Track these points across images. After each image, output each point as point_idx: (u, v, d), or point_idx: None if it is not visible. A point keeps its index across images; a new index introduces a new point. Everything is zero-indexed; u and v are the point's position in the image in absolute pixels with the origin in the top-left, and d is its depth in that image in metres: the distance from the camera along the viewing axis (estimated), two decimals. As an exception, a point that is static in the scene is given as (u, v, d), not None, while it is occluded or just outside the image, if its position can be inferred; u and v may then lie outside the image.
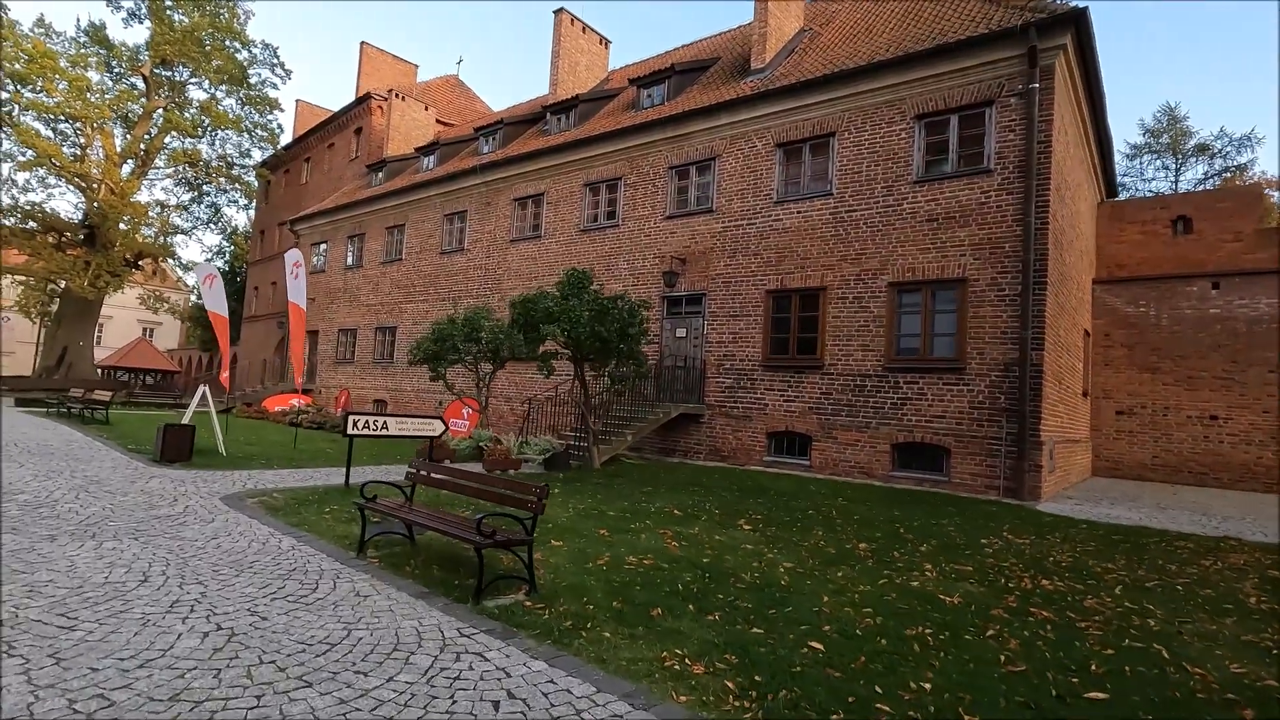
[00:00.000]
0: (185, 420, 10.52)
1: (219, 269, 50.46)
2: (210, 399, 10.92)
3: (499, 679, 3.20)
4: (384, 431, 8.35)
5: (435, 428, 8.97)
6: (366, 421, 8.14)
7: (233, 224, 47.41)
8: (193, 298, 58.66)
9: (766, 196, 14.76)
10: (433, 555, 5.39)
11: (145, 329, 61.13)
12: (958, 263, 12.11)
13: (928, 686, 3.35)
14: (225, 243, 55.07)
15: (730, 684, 3.28)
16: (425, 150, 25.34)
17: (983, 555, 6.42)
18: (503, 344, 12.90)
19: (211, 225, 39.50)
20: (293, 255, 13.18)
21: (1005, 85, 11.95)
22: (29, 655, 3.14)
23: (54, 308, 35.47)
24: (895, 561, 5.97)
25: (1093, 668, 3.71)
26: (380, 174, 27.07)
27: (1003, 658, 3.80)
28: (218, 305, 13.97)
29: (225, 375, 14.21)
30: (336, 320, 26.67)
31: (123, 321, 59.39)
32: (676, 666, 3.45)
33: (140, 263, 36.46)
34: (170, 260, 36.20)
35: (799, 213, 14.20)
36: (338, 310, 26.65)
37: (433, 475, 5.81)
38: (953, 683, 3.42)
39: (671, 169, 16.52)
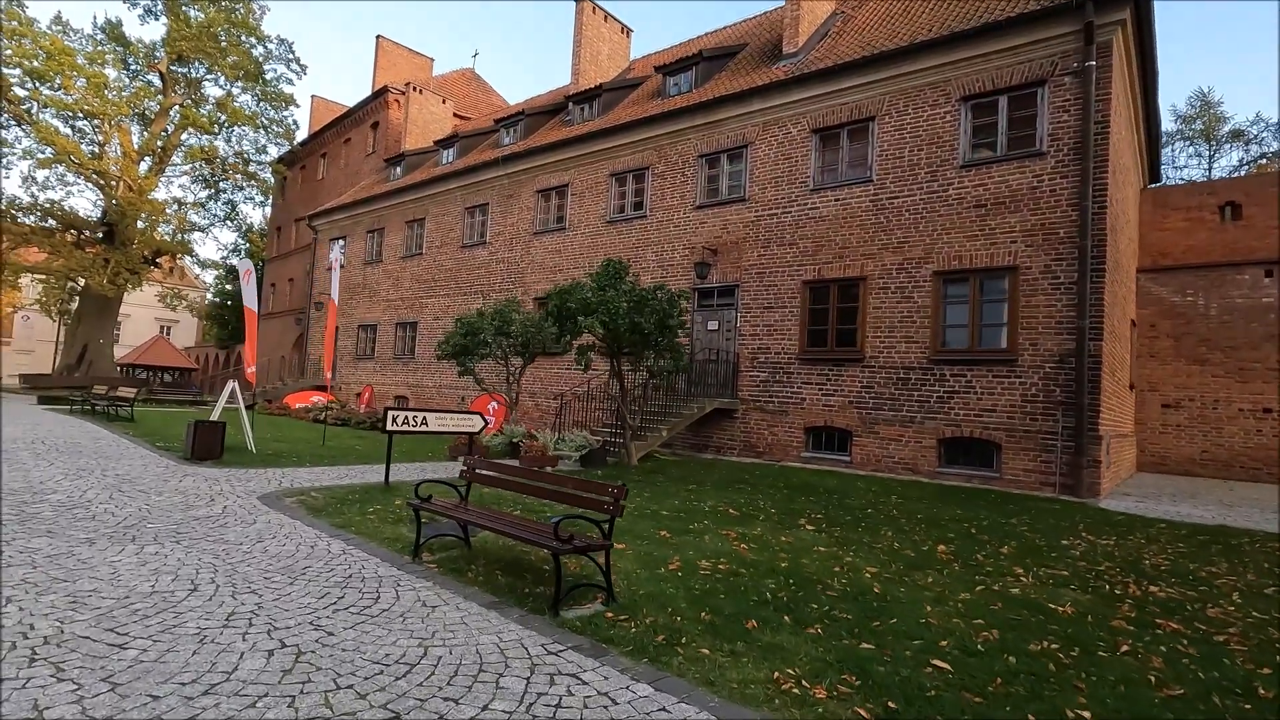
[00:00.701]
0: (214, 417, 10.24)
1: (235, 266, 50.54)
2: (240, 395, 10.63)
3: (605, 706, 2.83)
4: (423, 428, 8.02)
5: (475, 424, 8.63)
6: (406, 418, 7.81)
7: (248, 221, 47.35)
8: (209, 295, 58.78)
9: (802, 184, 14.30)
10: (492, 559, 5.03)
11: (162, 327, 61.40)
12: (1008, 250, 11.62)
13: (1087, 716, 2.94)
14: (241, 240, 55.05)
15: (863, 712, 2.89)
16: (445, 143, 25.01)
17: (1070, 558, 5.98)
18: (533, 337, 12.55)
19: (228, 223, 39.46)
20: (334, 254, 12.86)
21: (1059, 63, 11.42)
22: (81, 679, 2.80)
23: (74, 305, 35.54)
24: (982, 566, 5.56)
25: (1260, 691, 3.28)
26: (399, 168, 26.78)
27: (1152, 678, 3.39)
28: (251, 300, 13.72)
29: (252, 371, 13.96)
30: (356, 316, 26.42)
31: (140, 320, 59.63)
32: (795, 690, 3.07)
33: (158, 260, 36.48)
34: (188, 258, 36.03)
35: (837, 200, 13.73)
36: (357, 306, 26.40)
37: (499, 475, 5.42)
38: (1110, 710, 3.02)
39: (701, 157, 16.08)
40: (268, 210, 45.61)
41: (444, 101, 30.11)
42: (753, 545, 5.84)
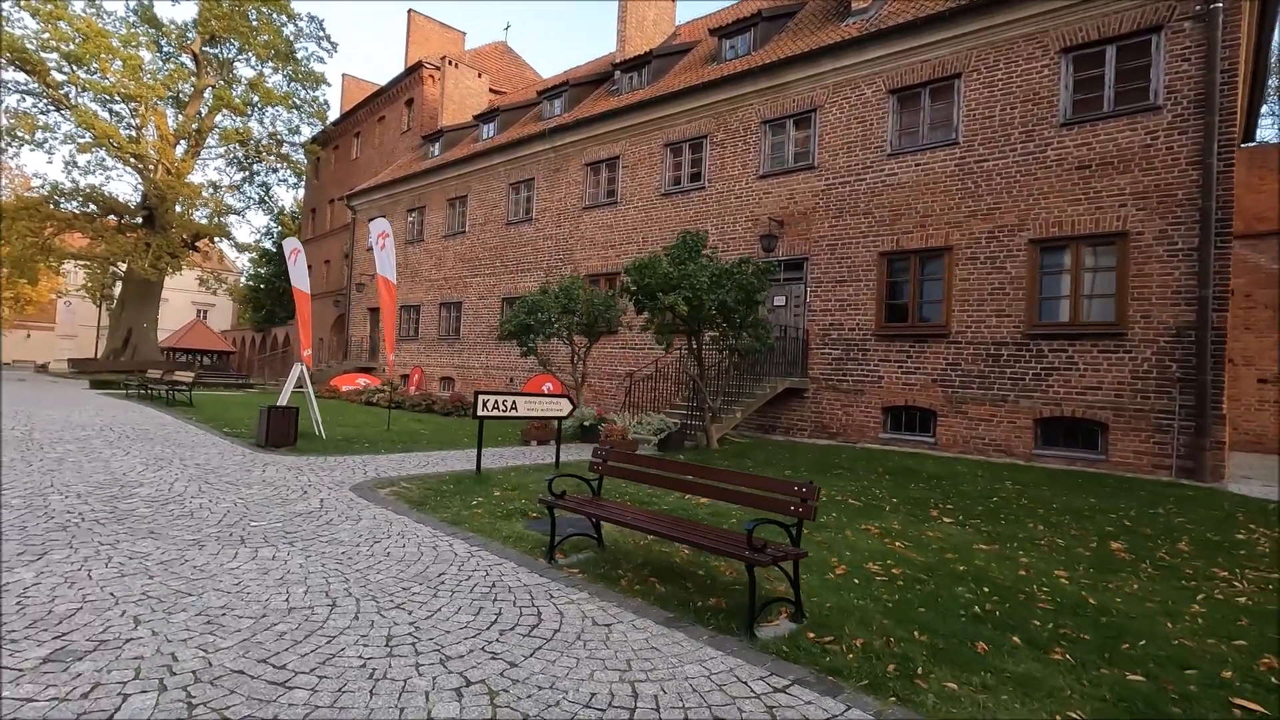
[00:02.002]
0: (282, 402, 9.87)
1: (268, 249, 50.65)
2: (308, 379, 10.25)
3: (884, 767, 2.28)
4: (513, 413, 7.53)
5: (563, 407, 8.12)
6: (496, 402, 7.32)
7: (279, 204, 47.25)
8: (243, 279, 58.98)
9: (878, 149, 13.44)
10: (635, 563, 4.51)
11: (199, 310, 62.15)
12: (1116, 215, 10.73)
13: None
14: (273, 223, 55.03)
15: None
16: (484, 118, 24.37)
17: (1261, 555, 5.30)
18: (600, 315, 12.00)
19: (261, 206, 39.40)
20: (378, 225, 12.38)
21: (1176, 8, 10.41)
22: (255, 733, 2.32)
23: (116, 291, 35.82)
24: (1177, 568, 4.91)
25: None
26: (437, 145, 26.22)
27: None
28: (301, 281, 13.34)
29: (308, 355, 13.62)
30: (398, 296, 26.09)
31: (176, 304, 60.30)
32: (1096, 742, 2.48)
33: (197, 244, 36.57)
34: (226, 240, 36.04)
35: (917, 165, 12.87)
36: (399, 286, 26.04)
37: (639, 469, 4.84)
38: None
39: (765, 123, 15.25)
40: (299, 194, 45.47)
41: (479, 75, 29.40)
42: (907, 543, 5.26)
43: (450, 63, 28.22)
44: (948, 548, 5.15)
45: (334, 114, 38.37)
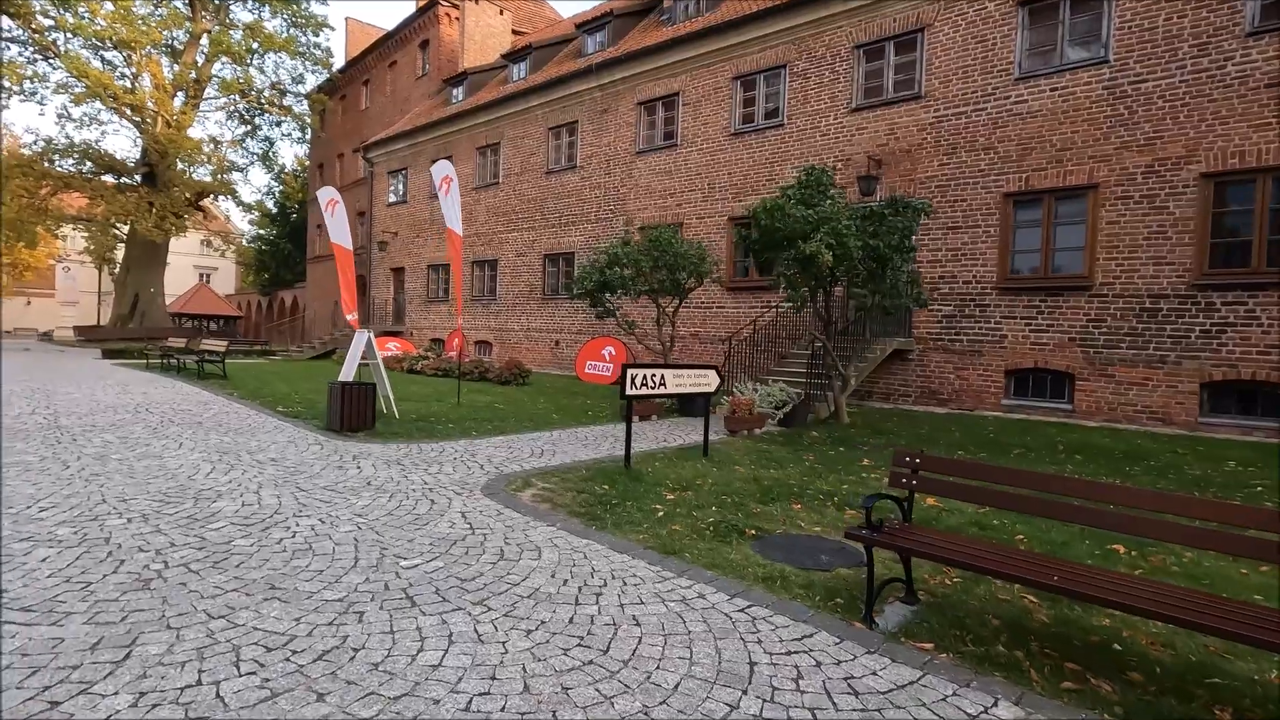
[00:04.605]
0: (346, 376, 8.40)
1: (271, 211, 48.54)
2: (375, 349, 8.75)
3: None
4: (660, 389, 6.08)
5: (710, 381, 6.66)
6: (645, 378, 5.85)
7: (280, 162, 44.92)
8: (244, 240, 56.76)
9: (1002, 73, 11.65)
10: (977, 620, 3.08)
11: (202, 274, 60.18)
12: (1318, 140, 9.06)
13: None
14: (274, 182, 52.65)
15: None
16: (514, 57, 22.28)
17: None
18: (694, 269, 10.46)
19: (263, 163, 37.23)
20: (441, 168, 10.69)
21: None
22: None
23: (118, 255, 33.98)
24: None
25: None
26: (459, 89, 24.15)
27: None
28: (341, 235, 11.71)
29: (353, 317, 12.09)
30: (424, 255, 24.44)
31: (178, 267, 58.16)
32: None
33: (201, 203, 34.62)
34: (231, 198, 34.09)
35: (1054, 90, 11.11)
36: (425, 244, 24.37)
37: (994, 484, 3.32)
38: None
39: (858, 48, 13.39)
40: (299, 150, 43.12)
41: (501, 13, 27.06)
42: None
43: (470, -2, 25.90)
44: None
45: (339, 62, 35.93)
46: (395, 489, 5.18)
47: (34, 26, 26.20)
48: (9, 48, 27.05)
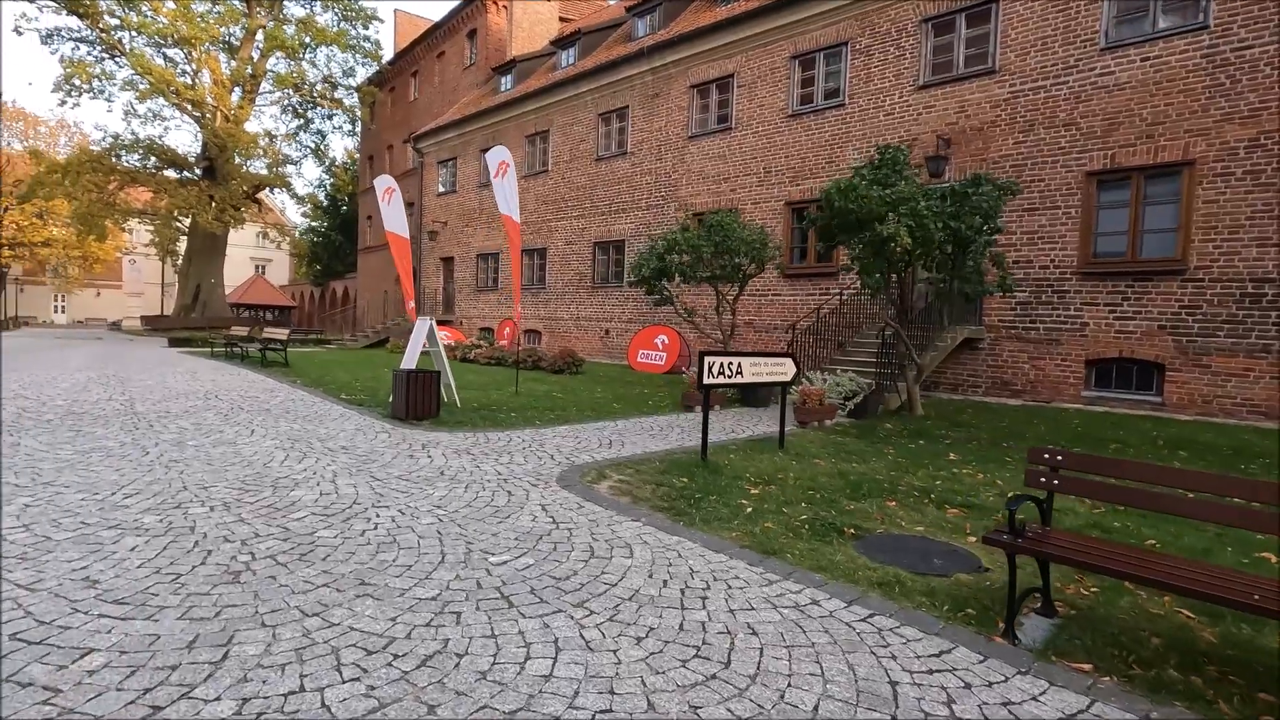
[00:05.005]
0: (409, 364, 8.35)
1: (322, 203, 49.58)
2: (438, 336, 8.68)
3: None
4: (738, 378, 5.81)
5: (787, 369, 6.36)
6: (722, 367, 5.60)
7: (331, 155, 45.78)
8: (296, 232, 58.11)
9: (1086, 43, 10.92)
10: (1132, 638, 2.74)
11: (257, 265, 61.98)
12: None
13: None
14: (325, 175, 53.69)
15: None
16: (563, 43, 22.07)
17: None
18: (756, 255, 10.12)
19: (315, 156, 37.94)
20: (497, 154, 10.57)
21: None
22: None
23: (180, 247, 35.18)
24: None
25: None
26: (508, 77, 24.07)
27: None
28: (397, 224, 11.74)
29: (412, 306, 12.13)
30: (473, 245, 24.54)
31: (235, 259, 60.12)
32: None
33: (258, 196, 35.55)
34: (286, 190, 34.90)
35: (1144, 60, 10.36)
36: (474, 233, 24.46)
37: (1154, 485, 3.01)
38: None
39: (926, 22, 12.75)
40: (349, 143, 43.85)
41: (548, 0, 26.86)
42: None
43: (518, -15, 25.75)
44: None
45: (388, 54, 36.31)
46: (470, 479, 5.05)
47: (101, 26, 27.11)
48: (79, 47, 28.10)
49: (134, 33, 27.14)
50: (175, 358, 16.60)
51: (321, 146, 38.05)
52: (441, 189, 26.50)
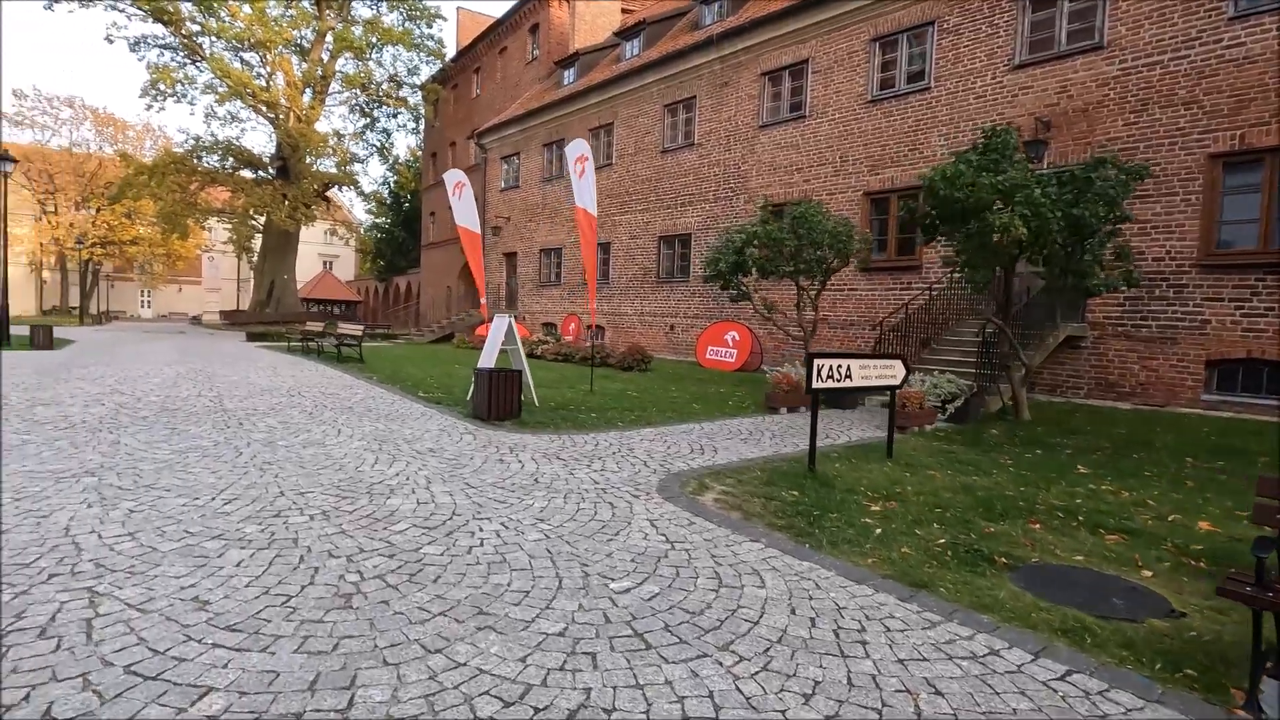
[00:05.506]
0: (487, 362, 8.19)
1: (386, 200, 50.78)
2: (516, 334, 8.51)
3: None
4: (846, 381, 5.40)
5: (896, 372, 5.90)
6: (832, 370, 5.20)
7: (395, 153, 46.75)
8: (362, 229, 59.71)
9: (1211, 12, 9.93)
10: None
11: (325, 262, 64.07)
12: None
13: None
14: (389, 173, 54.92)
15: None
16: (627, 34, 21.74)
17: None
18: (844, 248, 9.58)
19: (379, 154, 38.75)
20: (576, 148, 10.34)
21: None
22: None
23: (255, 243, 36.50)
24: None
25: None
26: (571, 71, 23.92)
27: None
28: (468, 219, 11.64)
29: (485, 304, 12.06)
30: (536, 240, 24.53)
31: (304, 255, 62.24)
32: None
33: (327, 194, 36.58)
34: (354, 188, 35.81)
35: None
36: (538, 228, 24.44)
37: None
38: None
39: (1023, -3, 11.87)
40: (412, 142, 44.60)
41: (610, -10, 26.58)
42: None
43: (580, -23, 25.55)
44: None
45: (450, 52, 36.74)
46: (566, 489, 4.80)
47: (183, 32, 28.23)
48: (163, 53, 29.36)
49: (213, 38, 28.16)
50: (255, 352, 17.11)
51: (386, 145, 38.84)
52: (504, 184, 26.61)
